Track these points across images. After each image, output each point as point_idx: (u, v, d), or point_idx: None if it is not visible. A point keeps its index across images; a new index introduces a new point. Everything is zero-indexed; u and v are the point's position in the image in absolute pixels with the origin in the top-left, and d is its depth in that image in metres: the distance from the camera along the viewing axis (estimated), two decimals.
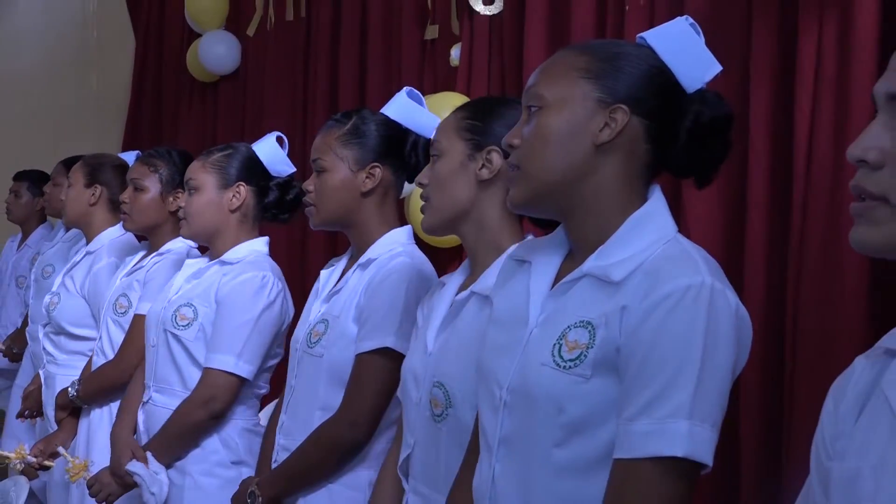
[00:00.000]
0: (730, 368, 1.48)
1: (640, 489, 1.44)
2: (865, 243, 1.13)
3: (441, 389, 1.90)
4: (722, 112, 1.60)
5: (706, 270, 1.48)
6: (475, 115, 1.98)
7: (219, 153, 2.85)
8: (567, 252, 1.66)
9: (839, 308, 2.40)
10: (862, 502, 1.17)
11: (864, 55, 2.39)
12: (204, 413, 2.68)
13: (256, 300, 2.70)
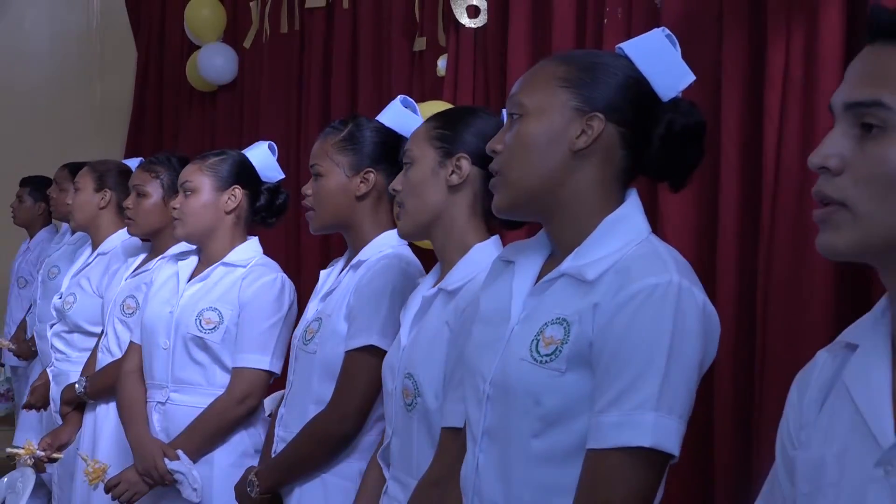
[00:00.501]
0: (697, 363, 1.49)
1: (610, 477, 1.45)
2: (830, 248, 1.13)
3: (410, 380, 1.92)
4: (695, 120, 1.61)
5: (675, 269, 1.49)
6: (445, 125, 2.00)
7: (214, 157, 2.87)
8: (549, 253, 1.66)
9: (806, 305, 2.40)
10: (825, 489, 1.18)
11: (830, 64, 2.40)
12: (243, 409, 2.71)
13: (281, 301, 2.75)
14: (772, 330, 2.48)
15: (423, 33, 4.00)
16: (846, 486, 1.15)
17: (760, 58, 2.60)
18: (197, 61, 5.51)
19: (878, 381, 1.16)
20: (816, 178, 1.15)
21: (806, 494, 1.21)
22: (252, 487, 2.38)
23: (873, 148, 1.09)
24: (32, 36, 6.90)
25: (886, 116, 1.09)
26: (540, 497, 1.53)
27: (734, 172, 2.64)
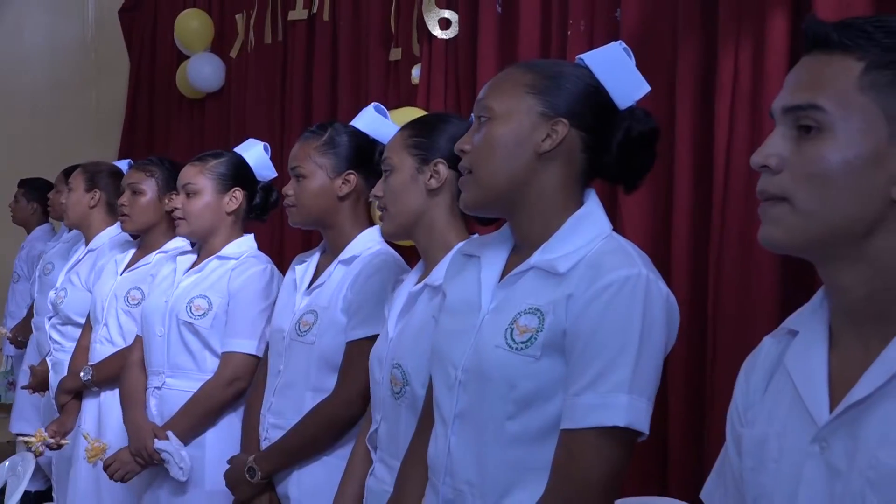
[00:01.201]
0: (662, 348, 1.51)
1: (585, 455, 1.46)
2: (771, 240, 1.15)
3: (399, 369, 1.92)
4: (649, 127, 1.63)
5: (641, 263, 1.52)
6: (420, 133, 2.00)
7: (213, 160, 2.85)
8: (512, 247, 1.67)
9: (753, 295, 2.42)
10: (768, 463, 1.19)
11: (776, 74, 2.41)
12: (231, 392, 2.71)
13: (269, 290, 2.74)
14: (721, 319, 2.50)
15: (398, 44, 3.99)
16: (786, 461, 1.17)
17: (711, 68, 2.61)
18: (186, 70, 5.51)
19: (815, 365, 1.17)
20: (756, 190, 1.17)
21: (751, 469, 1.22)
22: (253, 473, 2.35)
23: (810, 147, 1.11)
24: (31, 46, 6.85)
25: (822, 118, 1.10)
26: (514, 475, 1.54)
27: (687, 174, 2.65)
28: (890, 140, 1.09)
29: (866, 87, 1.09)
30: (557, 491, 1.48)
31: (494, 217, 1.76)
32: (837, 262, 1.13)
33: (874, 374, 1.09)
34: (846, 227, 1.10)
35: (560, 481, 1.48)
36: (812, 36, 1.15)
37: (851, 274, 1.13)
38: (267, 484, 2.37)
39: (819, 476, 1.12)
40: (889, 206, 1.09)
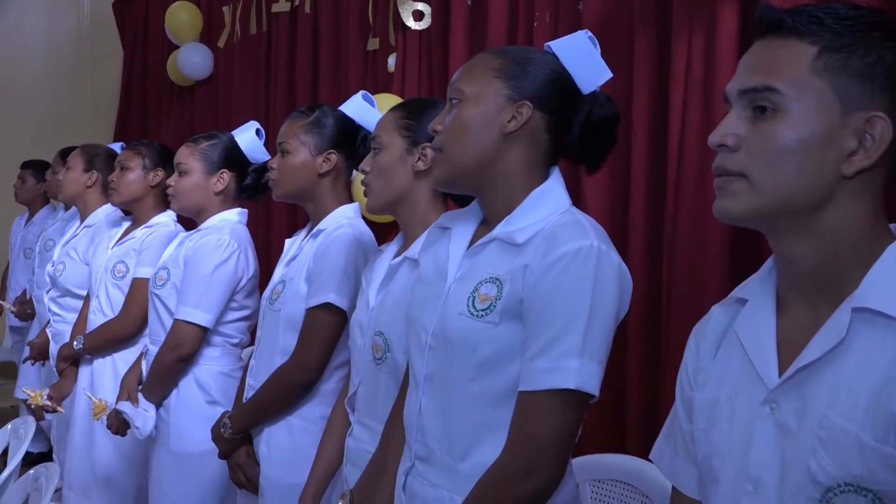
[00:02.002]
0: (613, 315, 1.50)
1: (540, 415, 1.45)
2: (727, 212, 1.14)
3: (381, 337, 1.90)
4: (610, 111, 1.61)
5: (594, 235, 1.50)
6: (410, 115, 1.97)
7: (205, 142, 2.83)
8: (480, 220, 1.66)
9: (704, 266, 2.43)
10: (720, 424, 1.19)
11: (726, 63, 2.41)
12: (172, 356, 2.68)
13: (211, 258, 2.68)
14: (675, 288, 2.50)
15: (375, 34, 3.98)
16: (738, 422, 1.16)
17: (666, 57, 2.61)
18: (177, 59, 5.50)
19: (764, 331, 1.17)
20: (713, 162, 1.16)
21: (703, 429, 1.22)
22: (225, 428, 2.38)
23: (766, 127, 1.10)
24: (30, 38, 6.79)
25: (777, 100, 1.09)
26: (477, 433, 1.53)
27: (643, 155, 2.65)
28: (841, 119, 1.08)
29: (819, 70, 1.08)
30: (514, 448, 1.47)
31: (469, 196, 1.73)
32: (789, 233, 1.13)
33: (823, 338, 1.09)
34: (799, 201, 1.10)
35: (516, 440, 1.47)
36: (766, 21, 1.14)
37: (802, 245, 1.12)
38: (244, 439, 2.38)
39: (770, 435, 1.12)
40: (839, 182, 1.09)
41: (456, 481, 1.54)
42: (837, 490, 1.04)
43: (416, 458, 1.61)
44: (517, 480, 1.45)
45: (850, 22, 1.09)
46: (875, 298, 1.06)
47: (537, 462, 1.45)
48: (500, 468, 1.47)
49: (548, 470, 1.45)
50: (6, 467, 2.62)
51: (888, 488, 1.02)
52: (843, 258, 1.11)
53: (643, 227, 2.64)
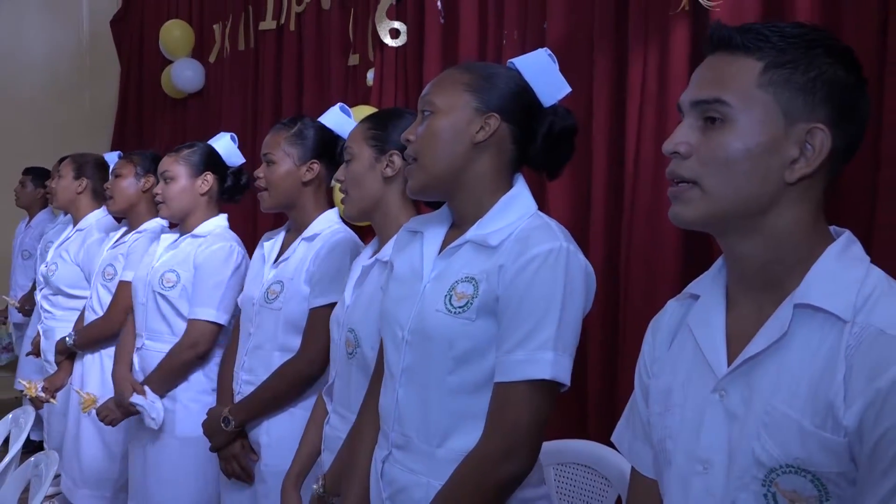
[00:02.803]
0: (581, 311, 1.50)
1: (518, 404, 1.45)
2: (682, 218, 1.13)
3: (352, 333, 1.90)
4: (569, 123, 1.61)
5: (563, 237, 1.50)
6: (377, 126, 1.97)
7: (186, 149, 2.83)
8: (451, 224, 1.65)
9: (658, 265, 2.43)
10: (673, 409, 1.19)
11: (678, 79, 2.41)
12: (192, 353, 2.67)
13: (227, 264, 2.69)
14: (632, 285, 2.50)
15: (355, 51, 3.97)
16: (689, 407, 1.16)
17: (623, 72, 2.61)
18: (170, 73, 5.49)
19: (715, 324, 1.17)
20: (666, 169, 1.16)
21: (658, 414, 1.22)
22: (227, 423, 2.33)
23: (716, 136, 1.10)
24: (32, 52, 6.72)
25: (726, 111, 1.09)
26: (454, 422, 1.53)
27: (602, 162, 2.65)
28: (785, 130, 1.08)
29: (765, 84, 1.08)
30: (494, 435, 1.47)
31: (440, 201, 1.72)
32: (737, 235, 1.13)
33: (768, 331, 1.09)
34: (746, 206, 1.09)
35: (494, 427, 1.47)
36: (717, 38, 1.13)
37: (748, 246, 1.12)
38: (240, 432, 2.35)
39: (719, 420, 1.12)
40: (782, 189, 1.09)
41: (433, 466, 1.53)
42: (780, 471, 1.05)
43: (393, 446, 1.60)
44: (497, 464, 1.45)
45: (794, 39, 1.09)
46: (815, 295, 1.07)
47: (516, 447, 1.45)
48: (480, 453, 1.47)
49: (525, 454, 1.46)
50: (7, 454, 2.58)
51: (825, 470, 1.02)
52: (786, 258, 1.11)
53: (602, 229, 2.64)
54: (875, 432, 0.98)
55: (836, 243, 1.11)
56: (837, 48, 1.10)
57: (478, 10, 3.19)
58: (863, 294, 1.05)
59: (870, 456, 0.99)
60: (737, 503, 1.08)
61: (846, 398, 1.01)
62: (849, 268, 1.08)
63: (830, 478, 1.02)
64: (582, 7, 2.74)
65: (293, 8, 4.47)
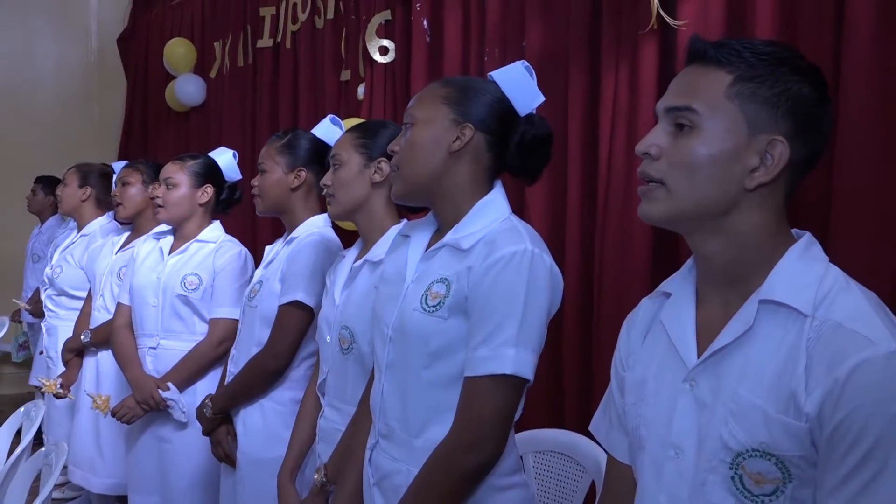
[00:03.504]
0: (545, 310, 1.48)
1: (482, 397, 1.44)
2: (649, 215, 1.13)
3: (347, 330, 1.88)
4: (544, 131, 1.60)
5: (529, 240, 1.49)
6: (365, 135, 1.96)
7: (191, 160, 2.82)
8: (436, 229, 1.64)
9: (629, 265, 2.42)
10: (647, 399, 1.19)
11: (647, 91, 2.41)
12: (220, 350, 2.67)
13: (246, 268, 2.72)
14: (605, 284, 2.50)
15: (347, 67, 3.95)
16: (662, 396, 1.16)
17: (596, 86, 2.60)
18: (174, 88, 5.48)
19: (685, 320, 1.17)
20: (637, 175, 1.16)
21: (633, 403, 1.22)
22: (207, 409, 2.35)
23: (684, 142, 1.10)
24: (46, 69, 6.72)
25: (694, 119, 1.09)
26: (430, 414, 1.52)
27: (577, 169, 2.65)
28: (748, 140, 1.08)
29: (733, 95, 1.08)
30: (460, 426, 1.46)
31: (421, 206, 1.72)
32: (702, 234, 1.12)
33: (735, 325, 1.09)
34: (706, 207, 1.09)
35: (462, 419, 1.47)
36: (693, 51, 1.13)
37: (713, 245, 1.12)
38: (225, 418, 2.36)
39: (689, 408, 1.12)
40: (742, 194, 1.09)
41: (412, 455, 1.52)
42: (746, 455, 1.05)
43: (379, 436, 1.60)
44: (463, 454, 1.44)
45: (765, 56, 1.08)
46: (778, 292, 1.07)
47: (480, 438, 1.44)
48: (448, 444, 1.46)
49: (490, 445, 1.45)
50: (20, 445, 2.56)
51: (788, 453, 1.02)
52: (749, 257, 1.11)
53: (578, 232, 2.63)
54: (834, 418, 0.99)
55: (798, 244, 1.11)
56: (805, 67, 1.10)
57: (461, 30, 3.19)
58: (822, 291, 1.05)
59: (829, 440, 0.99)
60: (706, 485, 1.08)
61: (807, 387, 1.01)
62: (809, 266, 1.08)
63: (793, 461, 1.02)
64: (558, 26, 2.74)
65: (289, 27, 4.46)
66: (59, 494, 4.08)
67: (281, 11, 4.53)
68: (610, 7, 2.53)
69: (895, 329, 1.01)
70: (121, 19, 6.72)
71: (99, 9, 6.80)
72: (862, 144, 1.88)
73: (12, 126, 6.42)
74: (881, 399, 0.96)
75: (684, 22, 2.28)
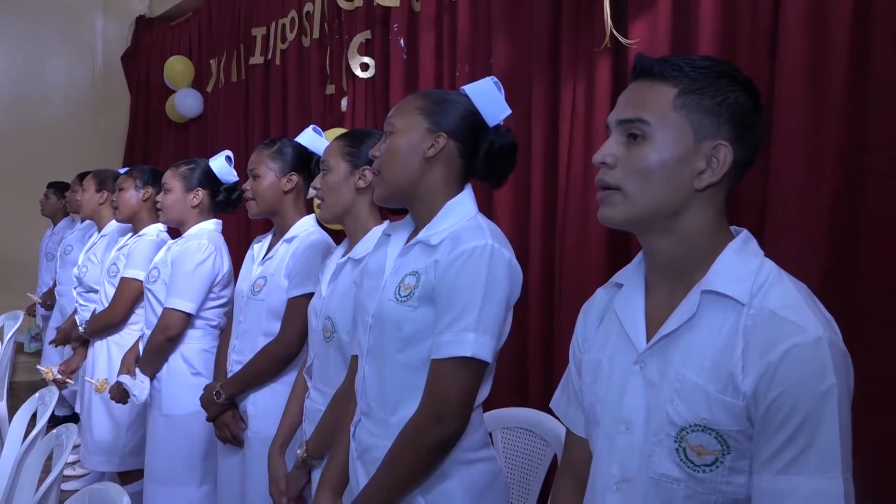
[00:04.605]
0: (504, 299, 1.48)
1: (445, 378, 1.45)
2: (608, 218, 1.12)
3: (329, 321, 1.87)
4: (509, 141, 1.60)
5: (490, 236, 1.49)
6: (352, 144, 1.95)
7: (185, 166, 2.78)
8: (413, 228, 1.64)
9: (587, 260, 2.43)
10: (602, 379, 1.19)
11: (602, 102, 2.41)
12: (162, 338, 2.62)
13: (194, 258, 2.63)
14: (565, 277, 2.50)
15: (331, 82, 3.92)
16: (615, 377, 1.16)
17: (557, 99, 2.60)
18: (173, 101, 5.44)
19: (635, 308, 1.17)
20: (594, 180, 1.15)
21: (589, 383, 1.22)
22: (219, 396, 2.30)
23: (637, 150, 1.10)
24: (55, 84, 6.61)
25: (646, 129, 1.09)
26: (404, 394, 1.52)
27: (540, 175, 2.65)
28: (694, 146, 1.08)
29: (679, 106, 1.08)
30: (426, 405, 1.47)
31: (402, 209, 1.71)
32: (654, 233, 1.12)
33: (680, 313, 1.10)
34: (661, 209, 1.09)
35: (428, 398, 1.47)
36: (640, 67, 1.13)
37: (663, 242, 1.12)
38: (230, 404, 2.32)
39: (639, 387, 1.12)
40: (692, 195, 1.09)
41: (388, 431, 1.52)
42: (689, 429, 1.05)
43: (361, 414, 1.60)
44: (429, 428, 1.45)
45: (703, 70, 1.09)
46: (718, 283, 1.07)
47: (444, 414, 1.44)
48: (416, 419, 1.47)
49: (453, 420, 1.45)
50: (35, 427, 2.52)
51: (727, 428, 1.03)
52: (694, 252, 1.11)
53: (540, 230, 2.63)
54: (768, 397, 1.00)
55: (736, 240, 1.12)
56: (740, 78, 1.11)
57: (434, 48, 3.18)
58: (758, 282, 1.06)
59: (763, 416, 1.00)
60: (653, 456, 1.08)
61: (744, 368, 1.02)
62: (746, 260, 1.09)
63: (731, 434, 1.03)
64: (522, 44, 2.74)
65: (278, 45, 4.44)
66: (70, 472, 4.04)
67: (271, 32, 4.51)
68: (568, 27, 2.53)
69: (823, 317, 1.02)
70: (124, 39, 6.65)
71: (104, 29, 6.73)
72: (793, 150, 1.89)
73: (26, 136, 6.34)
74: (809, 380, 0.97)
75: (635, 41, 2.28)
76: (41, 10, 6.47)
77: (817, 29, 1.87)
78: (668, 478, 1.07)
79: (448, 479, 1.49)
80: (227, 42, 5.01)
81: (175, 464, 2.63)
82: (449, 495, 1.49)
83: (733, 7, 2.07)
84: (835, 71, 1.82)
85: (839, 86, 1.81)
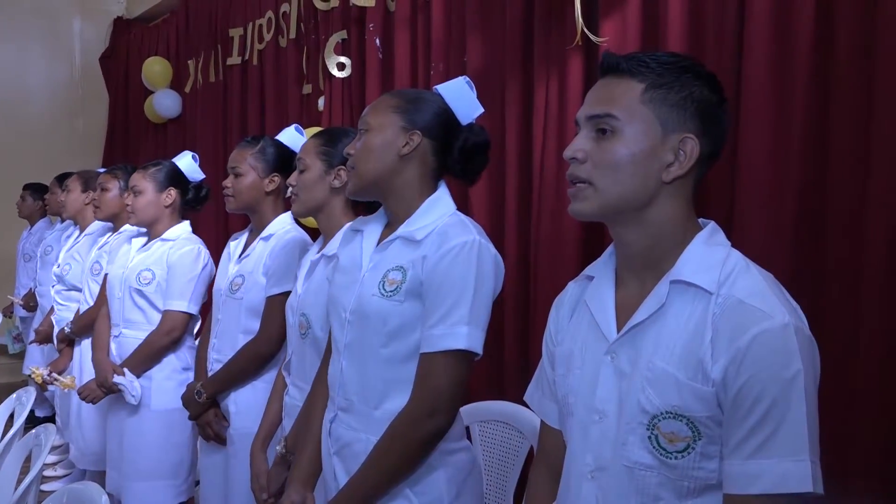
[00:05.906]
0: (491, 292, 1.49)
1: (439, 370, 1.43)
2: (580, 212, 1.12)
3: (304, 317, 1.87)
4: (481, 139, 1.60)
5: (475, 232, 1.49)
6: (328, 143, 1.94)
7: (153, 167, 2.75)
8: (386, 223, 1.63)
9: (561, 254, 2.42)
10: (574, 370, 1.19)
11: (574, 100, 2.41)
12: (167, 340, 2.61)
13: (197, 263, 2.63)
14: (540, 271, 2.50)
15: (308, 81, 3.89)
16: (587, 368, 1.16)
17: (530, 96, 2.60)
18: (152, 102, 5.38)
19: (606, 300, 1.17)
20: (566, 174, 1.15)
21: (562, 375, 1.22)
22: (200, 395, 2.28)
23: (606, 145, 1.10)
24: (33, 85, 6.50)
25: (614, 124, 1.09)
26: (387, 387, 1.51)
27: (514, 171, 2.64)
28: (662, 139, 1.09)
29: (646, 101, 1.09)
30: (419, 397, 1.46)
31: (375, 205, 1.70)
32: (624, 225, 1.12)
33: (649, 304, 1.10)
34: (631, 201, 1.09)
35: (420, 390, 1.46)
36: (607, 64, 1.13)
37: (633, 234, 1.12)
38: (212, 402, 2.30)
39: (611, 377, 1.12)
40: (660, 187, 1.10)
41: (371, 425, 1.51)
42: (661, 417, 1.05)
43: (338, 409, 1.58)
44: (422, 421, 1.44)
45: (668, 66, 1.09)
46: (687, 273, 1.08)
47: (438, 407, 1.43)
48: (408, 412, 1.45)
49: (446, 412, 1.45)
50: (12, 427, 2.48)
51: (697, 414, 1.03)
52: (663, 243, 1.11)
53: (515, 225, 2.62)
54: (736, 383, 1.00)
55: (704, 231, 1.12)
56: (704, 73, 1.11)
57: (409, 48, 3.16)
58: (725, 271, 1.06)
59: (732, 402, 1.01)
60: (626, 445, 1.09)
61: (713, 356, 1.02)
62: (714, 250, 1.09)
63: (701, 421, 1.03)
64: (495, 43, 2.73)
65: (255, 46, 4.39)
66: (52, 472, 3.98)
67: (248, 32, 4.46)
68: (540, 26, 2.52)
69: (789, 304, 1.03)
70: (103, 40, 6.57)
71: (82, 30, 6.63)
72: (759, 144, 1.90)
73: (3, 137, 6.22)
74: (776, 365, 0.98)
75: (605, 39, 2.28)
76: (19, 11, 6.37)
77: (782, 27, 1.88)
78: (641, 465, 1.07)
79: (434, 471, 1.49)
80: (204, 43, 4.96)
81: (164, 459, 2.61)
82: (434, 485, 1.49)
83: (700, 6, 2.08)
84: (799, 67, 1.84)
85: (803, 81, 1.83)
